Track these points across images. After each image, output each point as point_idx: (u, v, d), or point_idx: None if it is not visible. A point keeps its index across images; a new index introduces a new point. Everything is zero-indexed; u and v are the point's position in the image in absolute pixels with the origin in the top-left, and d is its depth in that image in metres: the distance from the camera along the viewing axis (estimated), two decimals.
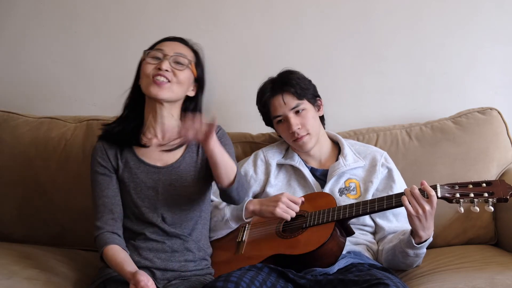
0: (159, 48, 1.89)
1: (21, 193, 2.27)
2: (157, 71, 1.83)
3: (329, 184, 2.01)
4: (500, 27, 2.40)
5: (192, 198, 1.89)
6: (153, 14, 2.51)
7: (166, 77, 1.83)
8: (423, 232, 1.77)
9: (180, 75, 1.85)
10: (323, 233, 1.81)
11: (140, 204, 1.85)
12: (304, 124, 2.01)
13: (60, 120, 2.35)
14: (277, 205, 1.86)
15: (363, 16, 2.44)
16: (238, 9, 2.49)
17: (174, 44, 1.91)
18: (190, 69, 1.89)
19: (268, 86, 2.08)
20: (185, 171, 1.88)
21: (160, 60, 1.85)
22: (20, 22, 2.56)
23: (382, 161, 2.05)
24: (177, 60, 1.86)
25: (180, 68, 1.86)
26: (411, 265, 1.90)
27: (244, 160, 2.17)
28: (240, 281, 1.60)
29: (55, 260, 2.02)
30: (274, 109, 2.05)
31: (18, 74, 2.58)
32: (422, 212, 1.72)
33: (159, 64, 1.84)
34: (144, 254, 1.83)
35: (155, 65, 1.85)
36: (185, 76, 1.87)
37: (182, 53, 1.88)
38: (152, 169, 1.87)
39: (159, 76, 1.82)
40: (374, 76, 2.46)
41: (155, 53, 1.88)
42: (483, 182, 1.72)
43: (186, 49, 1.92)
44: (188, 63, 1.88)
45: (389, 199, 1.81)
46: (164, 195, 1.86)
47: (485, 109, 2.26)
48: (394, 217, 1.99)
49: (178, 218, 1.87)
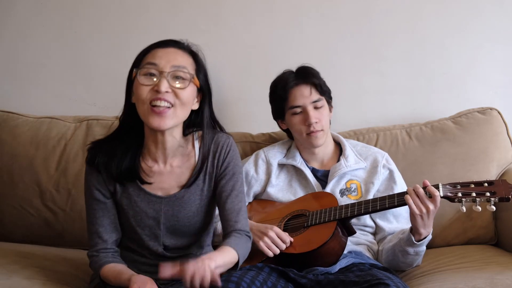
0: (151, 62, 1.59)
1: (21, 193, 2.27)
2: (155, 94, 1.56)
3: (330, 185, 2.01)
4: (500, 27, 2.40)
5: (196, 226, 1.73)
6: (153, 14, 2.51)
7: (167, 100, 1.56)
8: (423, 229, 1.77)
9: (182, 95, 1.59)
10: (325, 232, 1.80)
11: (140, 232, 1.70)
12: (320, 119, 2.01)
13: (60, 120, 2.35)
14: (262, 239, 1.83)
15: (363, 17, 2.44)
16: (238, 9, 2.49)
17: (169, 52, 1.63)
18: (193, 82, 1.63)
19: (290, 76, 2.05)
20: (189, 201, 1.69)
21: (155, 77, 1.58)
22: (20, 22, 2.56)
23: (384, 162, 2.05)
24: (177, 75, 1.59)
25: (182, 86, 1.59)
26: (411, 264, 1.90)
27: (245, 160, 2.17)
28: (240, 281, 1.60)
29: (54, 260, 2.02)
30: (294, 98, 2.02)
31: (18, 74, 2.58)
32: (426, 211, 1.73)
33: (156, 85, 1.56)
34: (144, 268, 1.72)
35: (151, 87, 1.57)
36: (189, 94, 1.61)
37: (180, 65, 1.61)
38: (153, 198, 1.68)
39: (158, 100, 1.55)
40: (374, 76, 2.46)
41: (148, 69, 1.59)
42: (485, 182, 1.73)
43: (184, 56, 1.65)
44: (191, 77, 1.61)
45: (391, 198, 1.81)
46: (166, 225, 1.70)
47: (485, 109, 2.26)
48: (394, 218, 1.99)
49: (180, 244, 1.74)
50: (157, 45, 1.65)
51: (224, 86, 2.50)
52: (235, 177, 1.72)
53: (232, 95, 2.51)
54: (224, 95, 2.50)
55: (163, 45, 1.65)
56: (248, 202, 2.11)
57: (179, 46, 1.67)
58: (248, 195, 2.10)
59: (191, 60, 1.66)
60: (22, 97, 2.57)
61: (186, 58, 1.65)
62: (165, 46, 1.64)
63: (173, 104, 1.59)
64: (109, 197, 1.70)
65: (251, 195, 2.11)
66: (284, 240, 1.83)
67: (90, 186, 1.70)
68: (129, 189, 1.69)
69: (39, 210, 2.26)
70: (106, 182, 1.69)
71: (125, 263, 1.71)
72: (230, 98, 2.50)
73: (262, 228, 1.86)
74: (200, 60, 1.70)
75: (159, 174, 1.69)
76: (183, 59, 1.63)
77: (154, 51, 1.63)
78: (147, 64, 1.60)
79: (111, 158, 1.67)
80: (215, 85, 2.52)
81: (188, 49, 1.68)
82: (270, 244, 1.82)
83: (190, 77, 1.61)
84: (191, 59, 1.67)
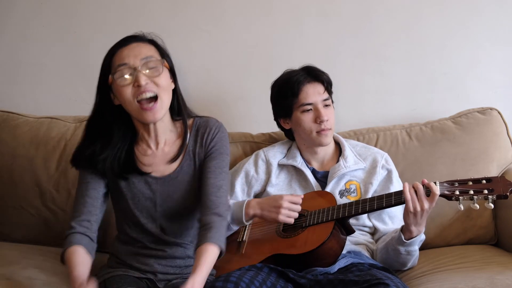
0: (121, 63, 1.68)
1: (21, 193, 2.27)
2: (138, 89, 1.66)
3: (329, 186, 2.01)
4: (500, 28, 2.40)
5: (191, 207, 1.80)
6: (153, 14, 2.51)
7: (150, 91, 1.67)
8: (415, 227, 1.77)
9: (161, 81, 1.69)
10: (323, 232, 1.81)
11: (138, 214, 1.78)
12: (330, 118, 2.01)
13: (60, 120, 2.35)
14: (279, 212, 1.83)
15: (363, 17, 2.44)
16: (238, 9, 2.49)
17: (132, 48, 1.71)
18: (164, 66, 1.73)
19: (300, 73, 2.04)
20: (182, 182, 1.78)
21: (131, 75, 1.67)
22: (20, 22, 2.56)
23: (383, 163, 2.05)
24: (149, 66, 1.69)
25: (157, 73, 1.69)
26: (404, 264, 1.90)
27: (245, 160, 2.17)
28: (239, 281, 1.60)
29: (55, 260, 2.02)
30: (306, 95, 2.01)
31: (18, 74, 2.58)
32: (420, 209, 1.72)
33: (135, 81, 1.67)
34: (144, 260, 1.79)
35: (131, 85, 1.67)
36: (166, 79, 1.72)
37: (148, 56, 1.70)
38: (149, 179, 1.78)
39: (142, 94, 1.66)
40: (374, 76, 2.46)
41: (121, 71, 1.68)
42: (483, 179, 1.71)
43: (146, 46, 1.73)
44: (162, 63, 1.71)
45: (388, 197, 1.80)
46: (162, 206, 1.78)
47: (485, 109, 2.26)
48: (389, 220, 1.99)
49: (177, 228, 1.81)
50: (119, 45, 1.73)
51: (224, 86, 2.51)
52: (221, 157, 1.79)
53: (232, 95, 2.51)
54: (224, 95, 2.50)
55: (124, 43, 1.73)
56: None
57: (138, 39, 1.75)
58: (249, 195, 2.10)
59: (153, 48, 1.75)
60: (22, 97, 2.57)
61: (149, 48, 1.73)
62: (127, 44, 1.72)
63: (157, 93, 1.69)
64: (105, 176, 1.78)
65: (252, 195, 2.11)
66: (297, 202, 1.85)
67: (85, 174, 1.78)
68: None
69: (39, 210, 2.26)
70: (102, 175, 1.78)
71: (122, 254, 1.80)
72: (230, 98, 2.51)
73: (272, 201, 1.87)
74: (160, 45, 1.78)
75: (153, 157, 1.79)
76: (147, 49, 1.72)
77: (119, 52, 1.71)
78: (119, 67, 1.69)
79: (105, 158, 1.76)
80: (215, 85, 2.54)
81: (147, 39, 1.77)
82: (288, 213, 1.84)
83: (161, 62, 1.71)
84: (153, 47, 1.76)
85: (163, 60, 1.73)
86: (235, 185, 2.09)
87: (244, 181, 2.10)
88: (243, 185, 2.10)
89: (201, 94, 2.49)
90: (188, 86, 2.50)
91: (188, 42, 2.51)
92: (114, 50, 1.73)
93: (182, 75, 2.50)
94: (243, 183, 2.10)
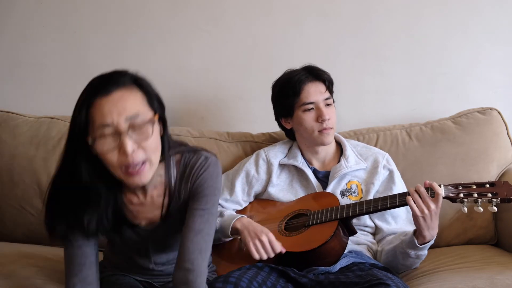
0: (103, 124, 1.38)
1: (21, 193, 2.27)
2: (124, 157, 1.40)
3: (331, 185, 2.01)
4: (500, 27, 2.40)
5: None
6: (153, 14, 2.51)
7: (138, 161, 1.42)
8: (428, 232, 1.75)
9: (150, 145, 1.43)
10: (326, 231, 1.80)
11: (129, 252, 1.70)
12: (331, 117, 2.02)
13: (60, 120, 2.35)
14: (254, 240, 1.80)
15: (363, 17, 2.44)
16: (238, 9, 2.49)
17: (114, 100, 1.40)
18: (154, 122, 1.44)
19: (301, 72, 2.04)
20: (172, 225, 1.62)
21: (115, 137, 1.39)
22: (20, 22, 2.56)
23: (384, 163, 2.05)
24: (136, 127, 1.40)
25: (146, 136, 1.42)
26: (410, 267, 1.89)
27: (246, 160, 2.17)
28: (239, 281, 1.60)
29: (54, 260, 2.02)
30: (307, 94, 2.00)
31: (18, 74, 2.58)
32: (428, 211, 1.71)
33: (120, 147, 1.39)
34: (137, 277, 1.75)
35: (116, 150, 1.40)
36: (155, 138, 1.45)
37: (134, 113, 1.40)
38: (138, 229, 1.63)
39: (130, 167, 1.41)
40: (374, 76, 2.46)
41: (103, 134, 1.39)
42: (487, 183, 1.73)
43: (131, 96, 1.43)
44: (151, 120, 1.43)
45: (392, 198, 1.80)
46: (153, 247, 1.68)
47: (485, 109, 2.26)
48: (393, 219, 1.98)
49: (172, 256, 1.72)
50: (97, 93, 1.41)
51: (224, 86, 2.51)
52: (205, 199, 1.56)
53: (232, 95, 2.51)
54: (224, 95, 2.50)
55: (104, 91, 1.41)
56: (249, 202, 2.12)
57: (120, 84, 1.43)
58: (249, 195, 2.11)
59: (139, 95, 1.45)
60: (22, 97, 2.58)
61: (133, 98, 1.43)
62: (108, 93, 1.40)
63: (145, 158, 1.43)
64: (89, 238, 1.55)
65: (252, 195, 2.11)
66: (275, 249, 1.79)
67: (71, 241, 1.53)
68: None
69: (39, 210, 2.26)
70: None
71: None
72: (230, 98, 2.51)
73: (258, 230, 1.83)
74: (146, 87, 1.47)
75: (140, 206, 1.60)
76: (132, 101, 1.42)
77: (97, 105, 1.40)
78: (99, 128, 1.39)
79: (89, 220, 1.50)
80: (215, 85, 2.54)
81: (130, 82, 1.45)
82: (259, 248, 1.80)
83: (150, 121, 1.43)
84: (139, 93, 1.46)
85: (152, 116, 1.45)
86: (236, 184, 2.10)
87: (245, 181, 2.10)
88: (243, 184, 2.10)
89: (201, 94, 2.49)
90: (188, 86, 2.52)
91: (188, 42, 2.51)
92: (91, 98, 1.41)
93: (182, 75, 2.52)
94: (243, 183, 2.10)
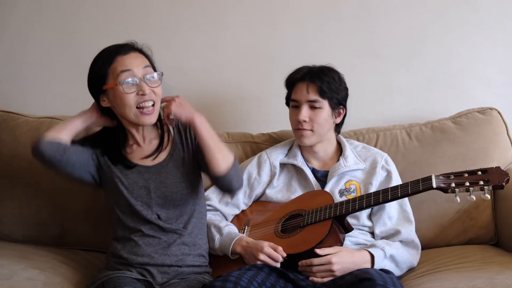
0: (125, 69, 1.80)
1: (21, 193, 2.27)
2: (141, 97, 1.80)
3: (329, 185, 2.01)
4: (500, 27, 2.40)
5: (184, 193, 1.89)
6: (153, 14, 2.51)
7: (152, 100, 1.81)
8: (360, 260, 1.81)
9: (159, 92, 1.84)
10: (322, 230, 1.81)
11: (134, 202, 1.87)
12: (313, 120, 2.01)
13: (60, 120, 2.34)
14: (255, 262, 1.81)
15: (363, 16, 2.44)
16: (238, 10, 2.49)
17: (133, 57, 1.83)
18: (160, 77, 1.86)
19: (303, 70, 2.07)
20: (174, 168, 1.90)
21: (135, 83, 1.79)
22: (20, 22, 2.56)
23: (383, 163, 2.05)
24: (149, 77, 1.82)
25: (156, 84, 1.83)
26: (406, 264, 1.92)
27: (247, 162, 2.17)
28: (239, 280, 1.60)
29: (55, 261, 2.02)
30: (295, 92, 2.05)
31: (18, 74, 2.58)
32: (331, 271, 1.76)
33: (140, 90, 1.79)
34: (142, 251, 1.85)
35: (135, 93, 1.79)
36: (161, 88, 1.86)
37: (146, 65, 1.84)
38: (141, 168, 1.90)
39: (145, 102, 1.80)
40: (374, 76, 2.46)
41: (126, 77, 1.79)
42: (479, 170, 1.71)
43: (142, 57, 1.86)
44: (160, 77, 1.85)
45: (385, 193, 1.82)
46: (156, 193, 1.88)
47: (485, 109, 2.26)
48: (389, 220, 1.98)
49: (172, 214, 1.89)
50: (118, 53, 1.83)
51: (224, 86, 2.51)
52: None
53: (232, 95, 2.51)
54: (224, 95, 2.50)
55: (124, 51, 1.83)
56: (248, 205, 2.12)
57: (134, 49, 1.86)
58: (250, 197, 2.11)
59: (147, 59, 1.87)
60: (22, 97, 2.57)
61: (144, 59, 1.86)
62: (127, 52, 1.83)
63: (155, 101, 1.83)
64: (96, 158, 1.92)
65: (253, 197, 2.11)
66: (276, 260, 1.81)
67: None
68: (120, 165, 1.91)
69: (39, 210, 2.26)
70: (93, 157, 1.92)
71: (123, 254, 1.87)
72: (230, 98, 2.51)
73: (255, 250, 1.84)
74: (148, 56, 1.89)
75: (142, 151, 1.91)
76: (144, 61, 1.85)
77: (120, 59, 1.81)
78: (123, 72, 1.79)
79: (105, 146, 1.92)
80: (215, 85, 2.54)
81: (140, 50, 1.88)
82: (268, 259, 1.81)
83: (159, 76, 1.84)
84: (146, 58, 1.87)
85: (160, 73, 1.85)
86: None
87: (246, 183, 2.10)
88: (245, 187, 2.09)
89: (201, 94, 2.49)
90: (188, 86, 2.51)
91: (188, 42, 2.51)
92: (112, 57, 1.82)
93: (182, 75, 2.52)
94: (245, 185, 2.09)
